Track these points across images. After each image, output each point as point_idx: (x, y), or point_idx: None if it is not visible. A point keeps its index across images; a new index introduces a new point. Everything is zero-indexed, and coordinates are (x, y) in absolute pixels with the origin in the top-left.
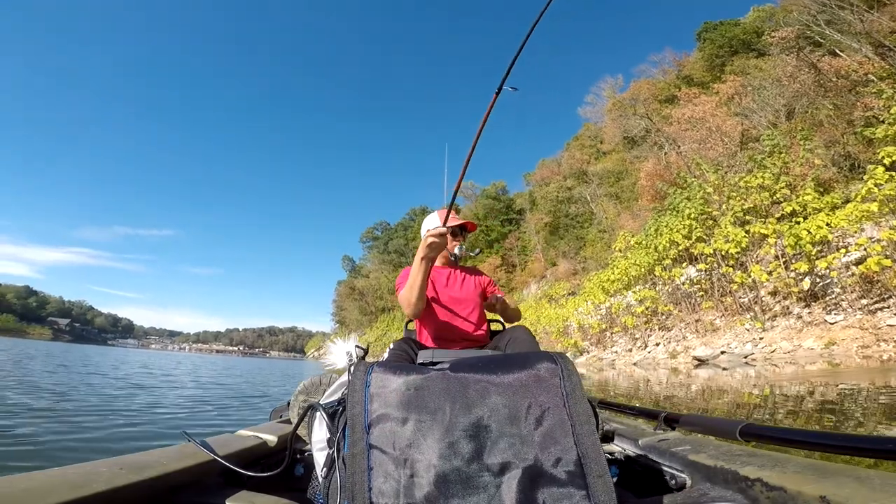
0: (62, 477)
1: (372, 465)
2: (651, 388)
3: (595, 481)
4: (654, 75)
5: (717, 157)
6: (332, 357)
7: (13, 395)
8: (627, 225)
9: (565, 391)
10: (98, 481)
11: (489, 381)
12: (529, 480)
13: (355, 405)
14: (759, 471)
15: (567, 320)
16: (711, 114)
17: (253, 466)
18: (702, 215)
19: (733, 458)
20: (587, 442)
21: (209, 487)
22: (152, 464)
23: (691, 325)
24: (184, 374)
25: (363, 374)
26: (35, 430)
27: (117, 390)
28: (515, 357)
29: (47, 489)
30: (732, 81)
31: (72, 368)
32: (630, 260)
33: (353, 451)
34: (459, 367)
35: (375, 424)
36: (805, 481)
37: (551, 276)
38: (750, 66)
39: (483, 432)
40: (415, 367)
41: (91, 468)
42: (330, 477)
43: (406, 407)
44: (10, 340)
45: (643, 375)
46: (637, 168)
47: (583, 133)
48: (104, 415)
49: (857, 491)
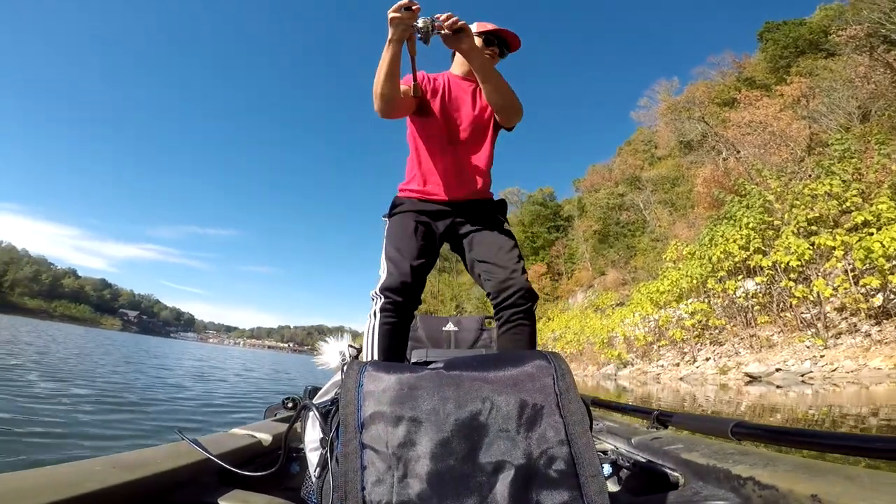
0: (55, 476)
1: (365, 464)
2: (698, 405)
3: (588, 481)
4: (713, 77)
5: (781, 163)
6: (324, 356)
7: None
8: (682, 234)
9: (559, 390)
10: (92, 480)
11: (483, 381)
12: (523, 480)
13: (348, 404)
14: (750, 469)
15: (612, 331)
16: (775, 117)
17: (247, 465)
18: (761, 225)
19: (725, 457)
20: (580, 441)
21: (203, 486)
22: (146, 462)
23: (745, 340)
24: (245, 367)
25: (356, 373)
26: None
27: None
28: (509, 356)
29: (40, 488)
30: (798, 83)
31: (147, 360)
32: (681, 271)
33: (345, 451)
34: (453, 365)
35: (368, 424)
36: (796, 480)
37: (599, 285)
38: (818, 66)
39: (477, 432)
40: (408, 366)
41: (84, 467)
42: (323, 477)
43: (399, 406)
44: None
45: (689, 391)
46: (693, 174)
47: (636, 137)
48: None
49: (847, 489)
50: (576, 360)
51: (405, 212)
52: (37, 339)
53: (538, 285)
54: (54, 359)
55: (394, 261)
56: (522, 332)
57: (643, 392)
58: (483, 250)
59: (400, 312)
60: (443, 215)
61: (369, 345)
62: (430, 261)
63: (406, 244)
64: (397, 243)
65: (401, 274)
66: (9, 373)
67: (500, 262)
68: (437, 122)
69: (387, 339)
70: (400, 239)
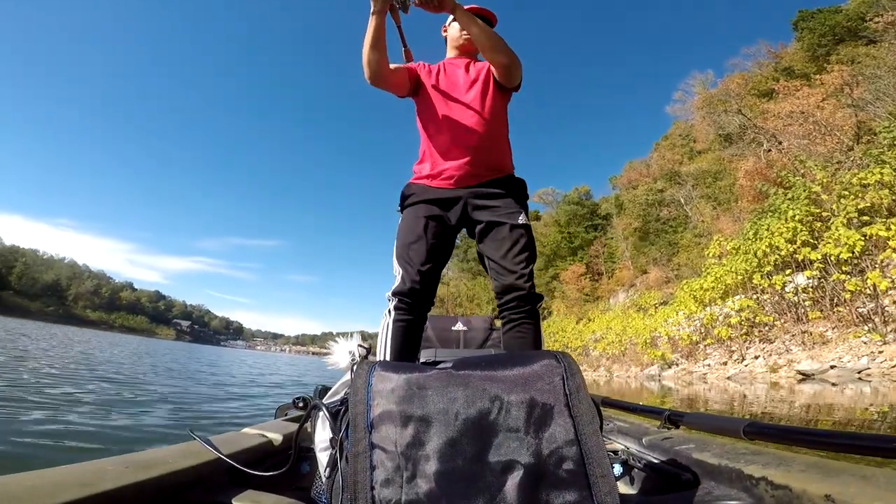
0: (69, 475)
1: (374, 464)
2: (747, 405)
3: (598, 481)
4: (749, 69)
5: (827, 153)
6: (334, 356)
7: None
8: (727, 229)
9: (568, 390)
10: (105, 480)
11: (492, 380)
12: (532, 480)
13: (357, 404)
14: (763, 469)
15: (655, 331)
16: (817, 106)
17: (258, 465)
18: (808, 217)
19: (738, 457)
20: (590, 441)
21: (215, 486)
22: (158, 462)
23: (797, 336)
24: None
25: (366, 373)
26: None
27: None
28: (518, 356)
29: (55, 487)
30: (840, 71)
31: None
32: (725, 267)
33: (355, 451)
34: (462, 365)
35: (378, 423)
36: (810, 480)
37: (641, 284)
38: (860, 54)
39: (486, 431)
40: (417, 366)
41: (98, 466)
42: (333, 477)
43: (408, 406)
44: (141, 339)
45: (738, 390)
46: (735, 167)
47: (672, 132)
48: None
49: (862, 490)
50: (618, 362)
51: (416, 204)
52: (118, 352)
53: (577, 286)
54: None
55: (404, 264)
56: (527, 332)
57: (689, 392)
58: (492, 247)
59: (414, 311)
60: (454, 203)
61: (383, 343)
62: (443, 258)
63: (416, 246)
64: (407, 245)
65: (411, 280)
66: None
67: (508, 265)
68: (436, 100)
69: (400, 338)
70: (410, 239)
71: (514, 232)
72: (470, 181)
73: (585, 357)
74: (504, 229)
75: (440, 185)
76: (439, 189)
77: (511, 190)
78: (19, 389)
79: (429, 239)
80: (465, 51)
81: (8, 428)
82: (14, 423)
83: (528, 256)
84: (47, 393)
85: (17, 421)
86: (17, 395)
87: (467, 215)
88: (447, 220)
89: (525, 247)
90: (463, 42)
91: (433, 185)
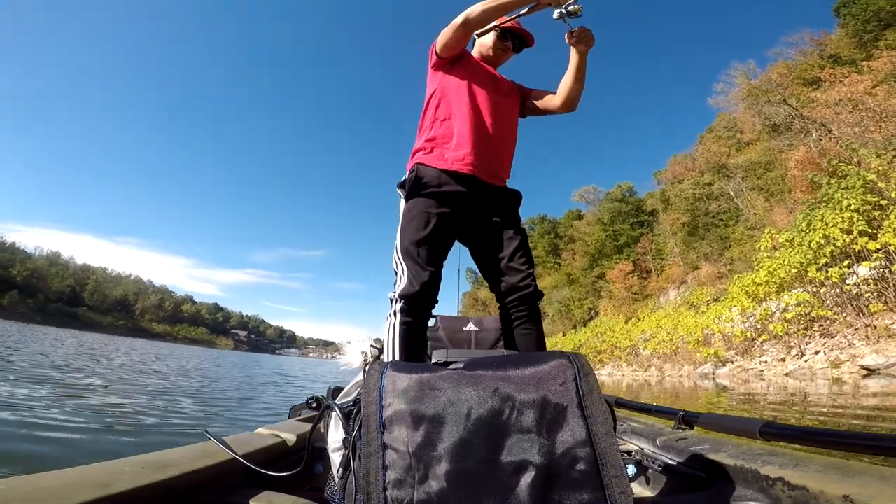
0: (86, 476)
1: (387, 464)
2: (809, 403)
3: (612, 481)
4: (793, 57)
5: (883, 140)
6: (347, 357)
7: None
8: (781, 221)
9: (581, 390)
10: (122, 480)
11: (504, 380)
12: (545, 481)
13: (370, 405)
14: (780, 470)
15: (707, 328)
16: (868, 93)
17: (273, 465)
18: (864, 206)
19: (754, 458)
20: (604, 442)
21: (231, 487)
22: (174, 463)
23: (860, 330)
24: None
25: (378, 373)
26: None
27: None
28: (530, 356)
29: (73, 488)
30: (889, 56)
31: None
32: (778, 260)
33: (367, 451)
34: (474, 365)
35: (390, 424)
36: (828, 480)
37: (693, 280)
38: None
39: (498, 432)
40: (429, 366)
41: (114, 467)
42: (346, 477)
43: (420, 406)
44: (203, 350)
45: (798, 387)
46: (786, 157)
47: (717, 124)
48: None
49: (881, 490)
50: (670, 361)
51: (428, 196)
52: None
53: (625, 284)
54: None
55: (412, 264)
56: (533, 329)
57: (746, 390)
58: (500, 247)
59: (419, 313)
60: (464, 203)
61: (390, 345)
62: (446, 255)
63: (428, 244)
64: (417, 242)
65: (421, 282)
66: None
67: (516, 265)
68: (475, 85)
69: (408, 340)
70: (421, 236)
71: (519, 234)
72: (485, 176)
73: (636, 357)
74: (511, 231)
75: (458, 170)
76: (454, 177)
77: (514, 197)
78: (177, 394)
79: (440, 237)
80: (491, 62)
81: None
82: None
83: (531, 258)
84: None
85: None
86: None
87: (472, 220)
88: (454, 220)
89: (528, 249)
90: (493, 54)
91: (451, 169)
